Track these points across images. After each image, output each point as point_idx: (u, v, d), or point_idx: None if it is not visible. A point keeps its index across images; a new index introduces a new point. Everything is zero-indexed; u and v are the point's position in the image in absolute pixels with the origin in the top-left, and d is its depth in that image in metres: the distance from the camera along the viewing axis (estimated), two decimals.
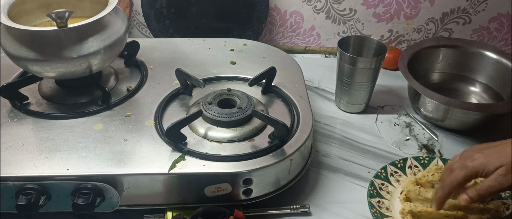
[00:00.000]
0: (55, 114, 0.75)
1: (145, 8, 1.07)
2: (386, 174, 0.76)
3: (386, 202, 0.72)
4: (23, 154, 0.66)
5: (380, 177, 0.75)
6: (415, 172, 0.77)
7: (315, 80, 1.03)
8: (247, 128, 0.72)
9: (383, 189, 0.73)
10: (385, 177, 0.75)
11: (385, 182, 0.74)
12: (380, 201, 0.71)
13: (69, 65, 0.71)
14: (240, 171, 0.65)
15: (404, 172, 0.77)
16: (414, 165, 0.78)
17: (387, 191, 0.73)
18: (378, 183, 0.74)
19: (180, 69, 0.79)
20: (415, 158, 0.78)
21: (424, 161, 0.78)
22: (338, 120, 0.92)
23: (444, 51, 0.98)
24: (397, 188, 0.74)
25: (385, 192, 0.73)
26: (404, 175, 0.76)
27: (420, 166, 0.77)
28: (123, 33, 0.76)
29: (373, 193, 0.72)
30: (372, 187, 0.73)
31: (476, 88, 0.97)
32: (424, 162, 0.78)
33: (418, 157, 0.79)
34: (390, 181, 0.75)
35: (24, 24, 0.71)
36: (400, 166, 0.77)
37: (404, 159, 0.78)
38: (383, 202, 0.71)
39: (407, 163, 0.78)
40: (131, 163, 0.65)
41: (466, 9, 1.07)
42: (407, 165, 0.77)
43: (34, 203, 0.62)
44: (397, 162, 0.77)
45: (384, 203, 0.71)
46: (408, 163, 0.78)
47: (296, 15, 1.11)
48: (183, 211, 0.67)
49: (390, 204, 0.72)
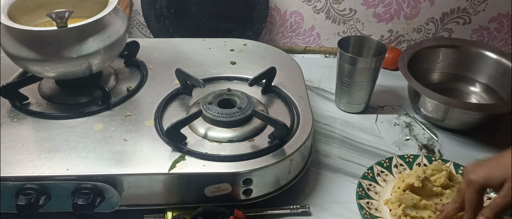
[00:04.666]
0: (55, 114, 0.75)
1: (145, 8, 1.07)
2: (373, 174, 0.75)
3: (375, 202, 0.71)
4: (23, 154, 0.66)
5: (367, 177, 0.75)
6: (400, 171, 0.77)
7: (315, 80, 1.03)
8: (247, 128, 0.72)
9: (371, 190, 0.73)
10: (372, 177, 0.75)
11: (372, 182, 0.74)
12: (369, 202, 0.71)
13: (69, 65, 0.71)
14: (240, 171, 0.65)
15: (390, 171, 0.77)
16: (400, 164, 0.78)
17: (375, 191, 0.73)
18: (365, 184, 0.73)
19: (180, 69, 0.79)
20: (400, 156, 0.78)
21: (409, 159, 0.78)
22: (338, 120, 0.92)
23: (444, 51, 0.98)
24: (385, 187, 0.74)
25: (373, 193, 0.73)
26: (391, 174, 0.76)
27: (405, 164, 0.78)
28: (123, 33, 0.76)
29: (362, 194, 0.71)
30: (360, 188, 0.72)
31: (476, 88, 0.97)
32: (409, 160, 0.78)
33: (403, 155, 0.79)
34: (377, 181, 0.75)
35: (24, 24, 0.70)
36: (386, 165, 0.77)
37: (389, 158, 0.78)
38: (372, 203, 0.71)
39: (393, 162, 0.78)
40: (131, 163, 0.65)
41: (466, 9, 1.07)
42: (393, 164, 0.77)
43: (34, 203, 0.62)
44: (383, 162, 0.77)
45: (373, 204, 0.71)
46: (393, 162, 0.78)
47: (296, 15, 1.11)
48: (183, 211, 0.67)
49: (379, 204, 0.71)
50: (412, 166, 0.78)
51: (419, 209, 0.69)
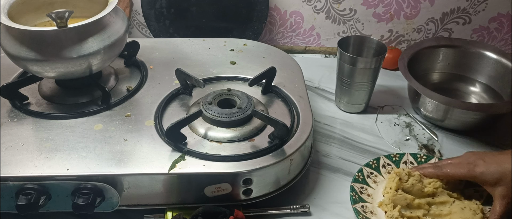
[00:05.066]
0: (55, 114, 0.75)
1: (145, 8, 1.07)
2: (363, 176, 0.74)
3: (369, 205, 0.70)
4: (23, 154, 0.66)
5: (358, 180, 0.74)
6: (389, 171, 0.76)
7: (315, 80, 1.03)
8: (247, 128, 0.72)
9: (363, 193, 0.72)
10: (363, 179, 0.74)
11: (364, 185, 0.73)
12: (363, 206, 0.70)
13: (69, 65, 0.71)
14: (240, 171, 0.65)
15: (379, 172, 0.76)
16: (387, 163, 0.77)
17: (367, 194, 0.72)
18: (357, 187, 0.72)
19: (180, 69, 0.79)
20: (387, 156, 0.78)
21: (395, 158, 0.78)
22: (338, 120, 0.92)
23: (444, 51, 0.98)
24: (376, 189, 0.73)
25: (366, 195, 0.72)
26: (380, 175, 0.76)
27: (393, 163, 0.77)
28: (123, 33, 0.76)
29: (356, 198, 0.70)
30: (353, 192, 0.71)
31: (476, 88, 0.97)
32: (395, 159, 0.78)
33: (390, 154, 0.78)
34: (368, 183, 0.74)
35: (24, 24, 0.70)
36: (375, 166, 0.77)
37: (376, 159, 0.77)
38: (366, 206, 0.70)
39: (381, 162, 0.77)
40: (131, 163, 0.65)
41: (466, 9, 1.07)
42: (381, 164, 0.77)
43: (34, 203, 0.62)
44: (371, 163, 0.77)
45: (367, 207, 0.70)
46: (381, 162, 0.77)
47: (296, 15, 1.11)
48: (183, 211, 0.67)
49: (373, 207, 0.70)
50: (399, 165, 0.77)
51: (413, 209, 0.69)
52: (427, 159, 0.78)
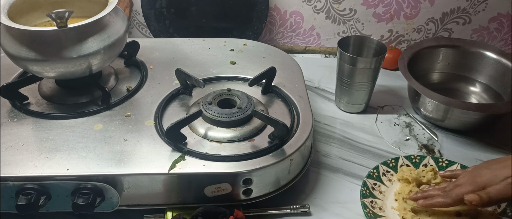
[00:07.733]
0: (55, 114, 0.75)
1: (145, 8, 1.07)
2: (378, 173, 0.76)
3: (379, 202, 0.72)
4: (23, 154, 0.66)
5: (373, 176, 0.75)
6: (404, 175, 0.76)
7: (315, 80, 1.03)
8: (247, 128, 0.72)
9: (375, 189, 0.73)
10: (377, 176, 0.75)
11: (377, 182, 0.75)
12: (373, 201, 0.71)
13: (69, 65, 0.71)
14: (240, 171, 0.65)
15: (396, 171, 0.77)
16: (406, 164, 0.78)
17: (379, 190, 0.73)
18: (370, 183, 0.74)
19: (180, 69, 0.79)
20: (406, 157, 0.79)
21: (415, 160, 0.78)
22: (338, 120, 0.92)
23: (444, 51, 0.98)
24: (390, 187, 0.74)
25: (378, 192, 0.73)
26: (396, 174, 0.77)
27: (412, 164, 0.78)
28: (123, 33, 0.76)
29: (366, 193, 0.72)
30: (364, 187, 0.73)
31: (476, 88, 0.97)
32: (415, 160, 0.78)
33: (410, 155, 0.79)
34: (383, 180, 0.75)
35: (24, 24, 0.70)
36: (392, 165, 0.77)
37: (395, 158, 0.78)
38: (376, 202, 0.71)
39: (399, 162, 0.78)
40: (131, 163, 0.65)
41: (466, 9, 1.07)
42: (399, 164, 0.78)
43: (34, 203, 0.62)
44: (389, 162, 0.77)
45: (377, 203, 0.71)
46: (399, 162, 0.78)
47: (296, 15, 1.11)
48: (183, 211, 0.67)
49: (383, 203, 0.72)
50: (419, 167, 0.78)
51: None
52: (448, 164, 0.77)
